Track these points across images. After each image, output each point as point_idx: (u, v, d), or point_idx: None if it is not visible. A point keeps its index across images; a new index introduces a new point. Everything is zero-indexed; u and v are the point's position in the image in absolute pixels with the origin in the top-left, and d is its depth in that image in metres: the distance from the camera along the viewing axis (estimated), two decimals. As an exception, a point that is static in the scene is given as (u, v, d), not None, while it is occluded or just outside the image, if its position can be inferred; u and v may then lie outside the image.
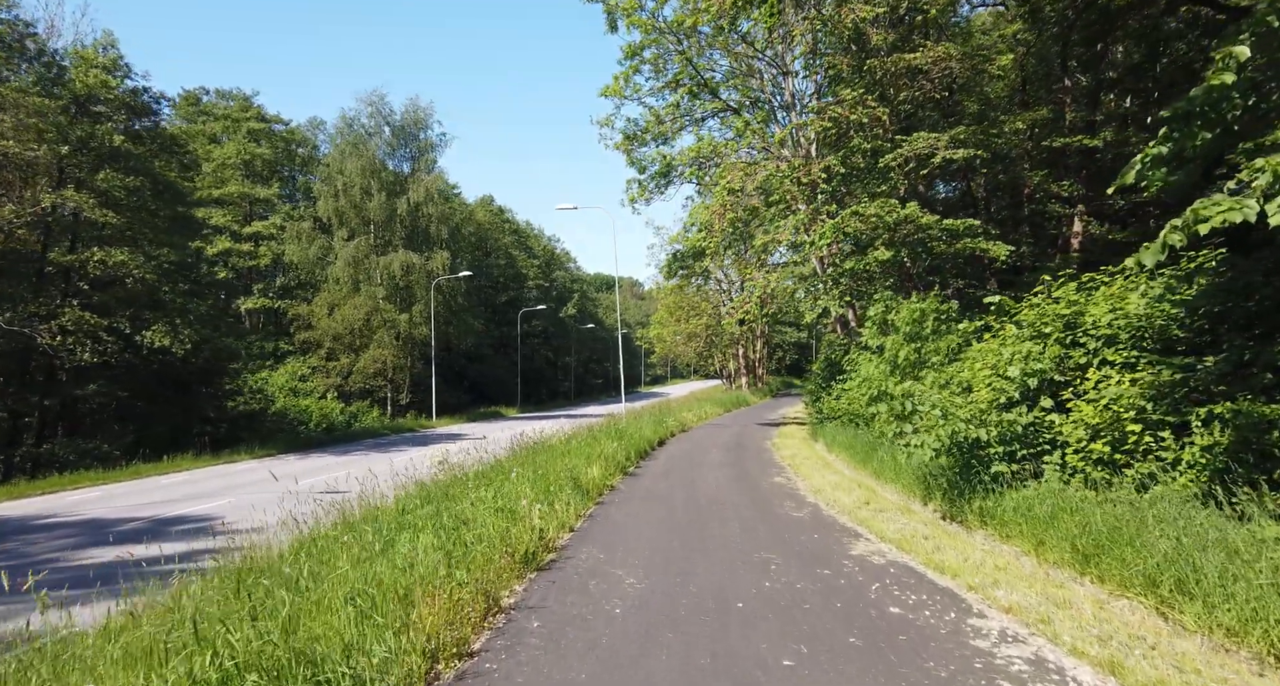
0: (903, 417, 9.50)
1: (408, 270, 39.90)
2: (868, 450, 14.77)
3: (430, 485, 8.51)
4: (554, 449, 12.58)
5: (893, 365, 14.42)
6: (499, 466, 9.77)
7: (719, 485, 12.83)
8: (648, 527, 8.64)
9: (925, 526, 8.69)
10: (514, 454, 11.66)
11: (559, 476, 9.55)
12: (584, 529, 8.53)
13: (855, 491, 11.88)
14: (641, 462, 16.11)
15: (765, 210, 22.46)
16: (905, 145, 19.39)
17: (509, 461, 10.63)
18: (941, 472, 9.63)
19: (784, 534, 8.43)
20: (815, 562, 6.87)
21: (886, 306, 14.88)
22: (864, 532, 8.51)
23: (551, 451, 12.24)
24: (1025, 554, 6.97)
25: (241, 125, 43.14)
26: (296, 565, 4.86)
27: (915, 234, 18.89)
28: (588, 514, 9.43)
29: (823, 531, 8.61)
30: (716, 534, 8.32)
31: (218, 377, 29.07)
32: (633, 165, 26.87)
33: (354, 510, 7.42)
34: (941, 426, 8.53)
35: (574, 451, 12.47)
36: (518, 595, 5.82)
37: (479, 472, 9.36)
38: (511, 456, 11.53)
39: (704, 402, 36.85)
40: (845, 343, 21.97)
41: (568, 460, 11.19)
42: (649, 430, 20.24)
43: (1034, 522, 6.95)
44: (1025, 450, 8.13)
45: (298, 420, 36.87)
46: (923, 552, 7.14)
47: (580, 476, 10.29)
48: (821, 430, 21.82)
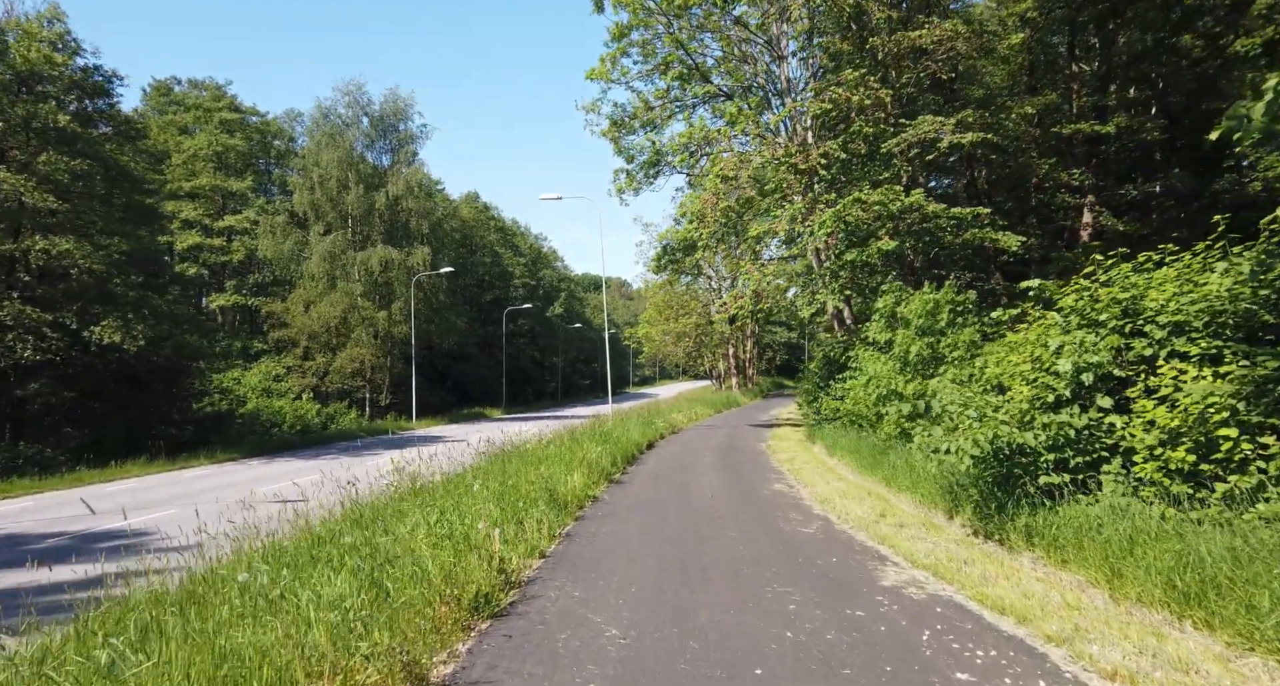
0: (933, 420, 8.24)
1: (387, 266, 38.39)
2: (875, 454, 13.56)
3: (370, 504, 7.14)
4: (530, 455, 11.25)
5: (903, 362, 13.22)
6: (462, 478, 8.40)
7: (715, 494, 11.56)
8: (635, 550, 7.34)
9: (958, 546, 7.46)
10: (485, 461, 10.32)
11: (532, 488, 8.23)
12: (559, 553, 7.23)
13: (866, 501, 10.65)
14: (629, 468, 14.82)
15: (760, 200, 21.24)
16: (909, 129, 18.23)
17: (475, 470, 9.28)
18: (972, 482, 8.41)
19: (796, 556, 7.16)
20: (842, 598, 5.60)
21: (896, 298, 13.68)
22: (889, 555, 7.25)
23: (527, 457, 10.91)
24: (1093, 585, 5.74)
25: (214, 115, 41.47)
26: (129, 634, 3.45)
27: (921, 223, 17.72)
28: (565, 532, 8.11)
29: (841, 552, 7.35)
30: (717, 557, 7.04)
31: (182, 377, 27.48)
32: (620, 154, 25.63)
33: (270, 535, 6.06)
34: (977, 429, 7.29)
35: (553, 457, 11.17)
36: (457, 662, 4.38)
37: (437, 484, 8.01)
38: (481, 464, 10.17)
39: (694, 403, 35.65)
40: (845, 340, 20.78)
41: (545, 467, 9.88)
42: (637, 432, 18.96)
43: (1105, 548, 5.72)
44: (1080, 457, 6.91)
45: (271, 422, 35.29)
46: (969, 584, 5.89)
47: (558, 487, 8.98)
48: (820, 432, 20.63)
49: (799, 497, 11.52)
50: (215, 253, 40.34)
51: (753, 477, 13.89)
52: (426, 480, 8.31)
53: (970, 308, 12.58)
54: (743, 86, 23.97)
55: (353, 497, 7.19)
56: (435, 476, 8.49)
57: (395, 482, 8.10)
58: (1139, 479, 6.41)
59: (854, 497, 11.10)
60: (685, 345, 57.16)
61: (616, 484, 12.41)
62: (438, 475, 8.71)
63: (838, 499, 11.06)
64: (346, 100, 38.75)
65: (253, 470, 19.67)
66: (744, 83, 24.34)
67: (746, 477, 13.85)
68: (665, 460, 16.61)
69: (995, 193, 23.90)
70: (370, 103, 39.38)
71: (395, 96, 39.74)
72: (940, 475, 9.55)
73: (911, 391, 12.85)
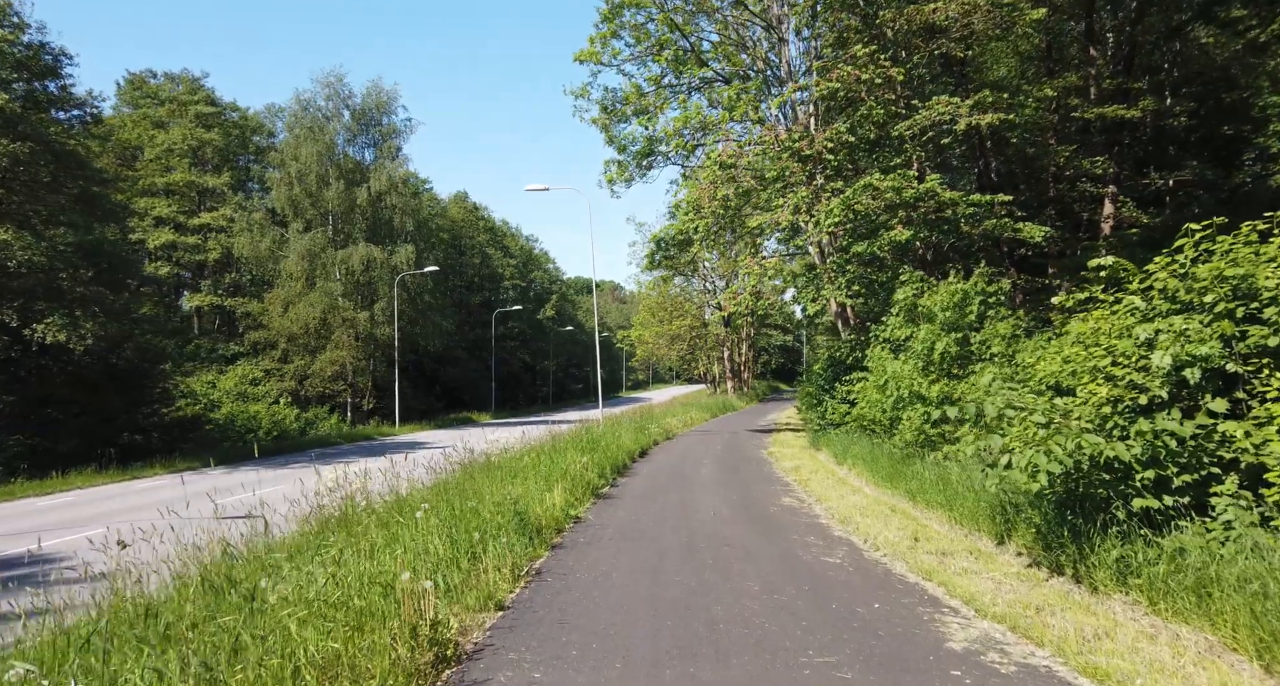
0: (985, 427, 6.79)
1: (369, 265, 36.80)
2: (894, 464, 12.10)
3: (265, 544, 5.53)
4: (503, 467, 9.72)
5: (926, 360, 11.78)
6: (409, 500, 6.82)
7: (718, 512, 10.07)
8: (622, 597, 5.78)
9: (1025, 585, 6.00)
10: (448, 477, 8.75)
11: (498, 511, 6.71)
12: (522, 604, 5.63)
13: (892, 520, 9.19)
14: (619, 480, 13.31)
15: (760, 191, 19.82)
16: (922, 112, 16.85)
17: (435, 487, 7.71)
18: (1030, 502, 6.96)
19: (828, 601, 5.69)
20: (905, 673, 4.13)
21: (917, 290, 12.24)
22: (944, 597, 5.78)
23: (500, 471, 9.39)
24: (1231, 649, 4.30)
25: (189, 109, 39.81)
26: None
27: (936, 212, 16.33)
28: (535, 568, 6.55)
29: (883, 594, 5.88)
30: (730, 607, 5.54)
31: (144, 381, 25.83)
32: (611, 143, 24.20)
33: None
34: (1051, 439, 5.84)
35: (529, 469, 9.67)
36: None
37: (376, 510, 6.45)
38: (445, 480, 8.61)
39: (689, 407, 34.21)
40: (852, 339, 19.36)
41: (518, 484, 8.37)
42: (629, 439, 17.47)
43: (1251, 603, 4.27)
44: (1187, 475, 5.46)
45: (246, 428, 33.66)
46: (1067, 647, 4.43)
47: (532, 507, 7.47)
48: (825, 438, 19.20)
49: (814, 515, 10.05)
50: (190, 251, 38.64)
51: (758, 490, 12.42)
52: (371, 501, 6.80)
53: (1003, 299, 11.17)
54: (740, 73, 22.59)
55: (249, 536, 5.62)
56: (381, 496, 6.96)
57: (321, 510, 6.57)
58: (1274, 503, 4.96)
59: (877, 515, 9.65)
60: (679, 348, 55.77)
61: (605, 499, 10.90)
62: (386, 494, 7.18)
63: (858, 517, 9.60)
64: (326, 92, 37.24)
65: (212, 480, 18.04)
66: (742, 69, 22.96)
67: (751, 490, 12.38)
68: (660, 470, 15.12)
69: (1008, 184, 22.55)
70: (351, 95, 37.89)
71: (378, 89, 38.26)
72: (985, 491, 8.10)
73: (936, 394, 11.42)
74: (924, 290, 12.21)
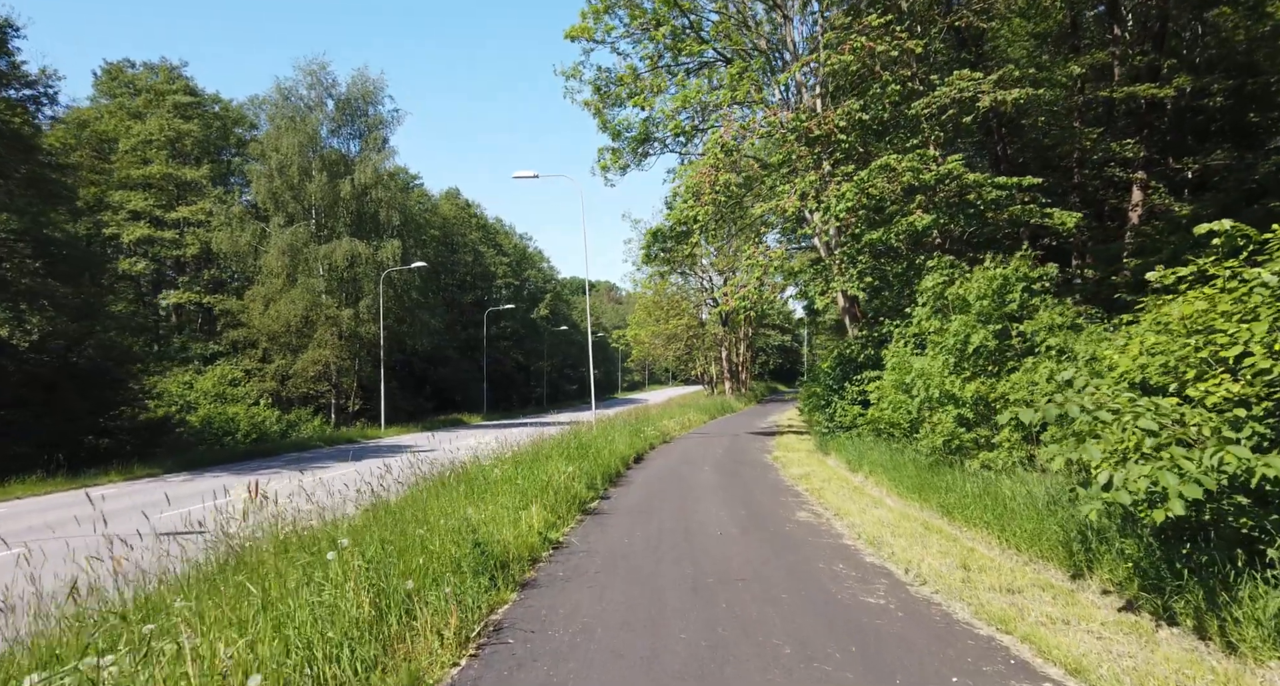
0: (1076, 434, 5.38)
1: (353, 260, 35.28)
2: (921, 473, 10.72)
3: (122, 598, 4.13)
4: (471, 481, 8.22)
5: (959, 356, 10.37)
6: (333, 531, 5.33)
7: (726, 531, 8.65)
8: (610, 672, 4.34)
9: (1138, 642, 4.59)
10: (398, 496, 7.21)
11: (450, 542, 5.21)
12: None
13: (931, 542, 7.79)
14: (611, 490, 11.88)
15: (765, 177, 18.43)
16: (942, 88, 15.49)
17: (374, 511, 6.20)
18: (1124, 530, 5.56)
19: (887, 671, 4.27)
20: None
21: (946, 277, 10.84)
22: (1040, 665, 4.36)
23: (466, 485, 7.91)
24: None
25: (166, 98, 38.25)
26: None
27: (959, 195, 14.97)
28: (495, 622, 5.04)
29: (953, 655, 4.46)
30: (758, 681, 4.11)
31: (110, 380, 24.30)
32: (605, 129, 22.79)
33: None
34: (1170, 450, 4.43)
35: (504, 482, 8.21)
36: None
37: (283, 547, 4.92)
38: (393, 501, 7.06)
39: (686, 409, 32.81)
40: (864, 335, 17.97)
41: (486, 503, 6.91)
42: (623, 443, 16.04)
43: None
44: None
45: (224, 430, 32.19)
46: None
47: (499, 534, 6.00)
48: (834, 443, 17.85)
49: (835, 534, 8.64)
50: (167, 246, 37.06)
51: (768, 502, 11.01)
52: (286, 529, 5.34)
53: (1050, 285, 9.78)
54: (743, 52, 21.19)
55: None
56: (306, 521, 5.48)
57: (212, 549, 5.10)
58: None
59: (909, 534, 8.24)
60: (676, 348, 54.39)
61: (593, 516, 9.45)
62: (316, 515, 5.71)
63: (889, 536, 8.20)
64: (309, 81, 35.70)
65: (172, 488, 16.53)
66: (744, 48, 21.57)
67: (760, 502, 10.97)
68: (657, 478, 13.69)
69: (1024, 171, 21.21)
70: (335, 84, 36.36)
71: (363, 78, 36.74)
72: (1054, 511, 6.69)
73: (971, 394, 10.03)
74: (955, 277, 10.81)
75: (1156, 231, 15.33)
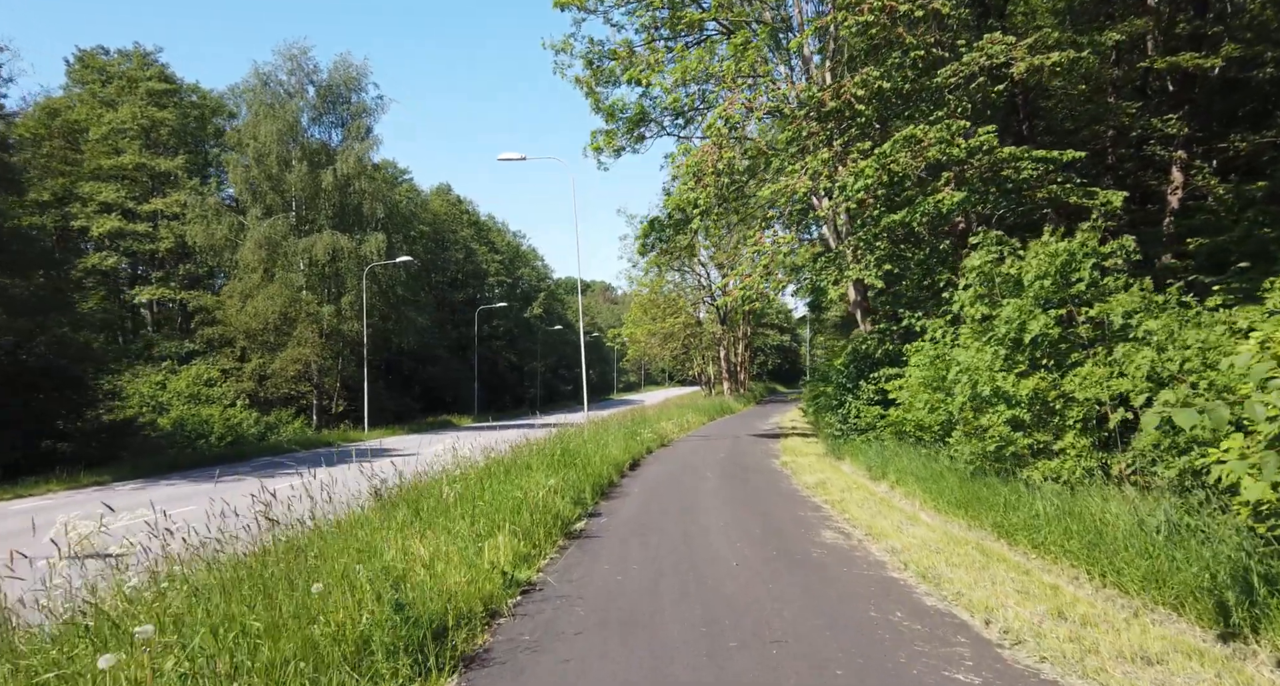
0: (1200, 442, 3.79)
1: (335, 255, 33.59)
2: (967, 486, 9.14)
3: None
4: (418, 503, 6.52)
5: (1012, 347, 8.80)
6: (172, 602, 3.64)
7: (742, 558, 7.06)
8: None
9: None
10: (312, 526, 5.49)
11: (357, 603, 3.57)
12: None
13: (999, 575, 6.23)
14: (602, 504, 10.27)
15: (773, 157, 16.86)
16: (969, 53, 13.94)
17: (254, 559, 4.48)
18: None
19: None
20: None
21: (997, 254, 9.24)
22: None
23: (411, 509, 6.22)
24: None
25: (140, 85, 36.52)
26: None
27: (993, 172, 13.42)
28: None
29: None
30: None
31: (66, 380, 22.62)
32: (599, 111, 21.15)
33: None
34: None
35: (464, 502, 6.56)
36: None
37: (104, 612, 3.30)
38: (290, 539, 5.29)
39: (684, 410, 31.25)
40: (881, 329, 16.42)
41: (434, 534, 5.25)
42: (617, 447, 14.46)
43: None
44: None
45: (197, 433, 30.53)
46: None
47: (438, 582, 4.35)
48: (849, 447, 16.32)
49: (876, 562, 7.06)
50: (140, 240, 35.32)
51: (784, 518, 9.43)
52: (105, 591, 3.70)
53: (1126, 260, 8.21)
54: (747, 21, 19.61)
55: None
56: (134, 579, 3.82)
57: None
58: None
59: (966, 564, 6.68)
60: (673, 347, 52.84)
61: (579, 540, 7.83)
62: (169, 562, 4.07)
63: (943, 566, 6.63)
64: (289, 66, 34.01)
65: (118, 498, 14.91)
66: (747, 20, 20.00)
67: (776, 518, 9.38)
68: (655, 488, 12.08)
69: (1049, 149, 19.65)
70: (316, 69, 34.68)
71: (346, 64, 35.09)
72: (1179, 544, 5.10)
73: (1027, 391, 8.45)
74: (1004, 254, 9.22)
75: (1226, 208, 13.76)
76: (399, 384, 48.29)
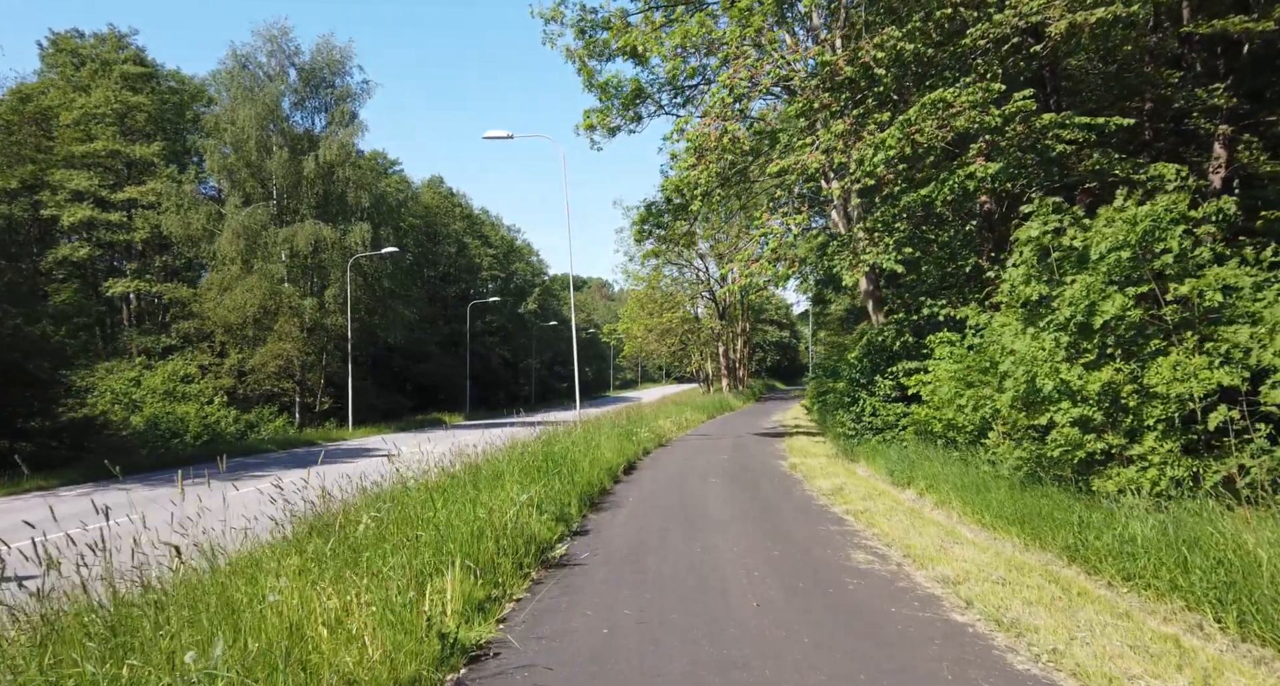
0: None
1: (318, 245, 32.07)
2: (1021, 498, 7.75)
3: None
4: (356, 526, 5.11)
5: (1078, 333, 7.39)
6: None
7: (764, 598, 5.64)
8: None
9: None
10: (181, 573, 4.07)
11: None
12: None
13: (1093, 619, 4.84)
14: (591, 519, 8.83)
15: (780, 133, 15.41)
16: (1001, 12, 12.49)
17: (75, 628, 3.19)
18: None
19: None
20: None
21: (1057, 224, 7.80)
22: None
23: (339, 542, 4.77)
24: None
25: (113, 69, 34.92)
26: None
27: (1031, 141, 12.00)
28: None
29: None
30: None
31: (19, 376, 21.14)
32: (592, 89, 19.71)
33: None
34: None
35: (407, 526, 5.09)
36: None
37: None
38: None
39: (682, 407, 29.86)
40: (899, 319, 15.00)
41: (355, 578, 3.83)
42: (610, 449, 13.04)
43: None
44: None
45: (171, 432, 29.07)
46: None
47: (341, 657, 3.00)
48: (862, 448, 14.97)
49: (928, 597, 5.65)
50: (114, 230, 33.74)
51: (805, 535, 8.01)
52: None
53: (1225, 227, 6.80)
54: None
55: None
56: None
57: None
58: None
59: (1053, 606, 5.28)
60: (670, 343, 51.37)
61: (558, 571, 6.39)
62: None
63: (1020, 607, 5.25)
64: (269, 47, 32.43)
65: (63, 504, 13.48)
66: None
67: (796, 536, 7.97)
68: (653, 497, 10.66)
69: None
70: (298, 51, 33.09)
71: (329, 46, 33.50)
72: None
73: (1098, 387, 7.05)
74: (1062, 225, 7.80)
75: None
76: (389, 381, 46.86)
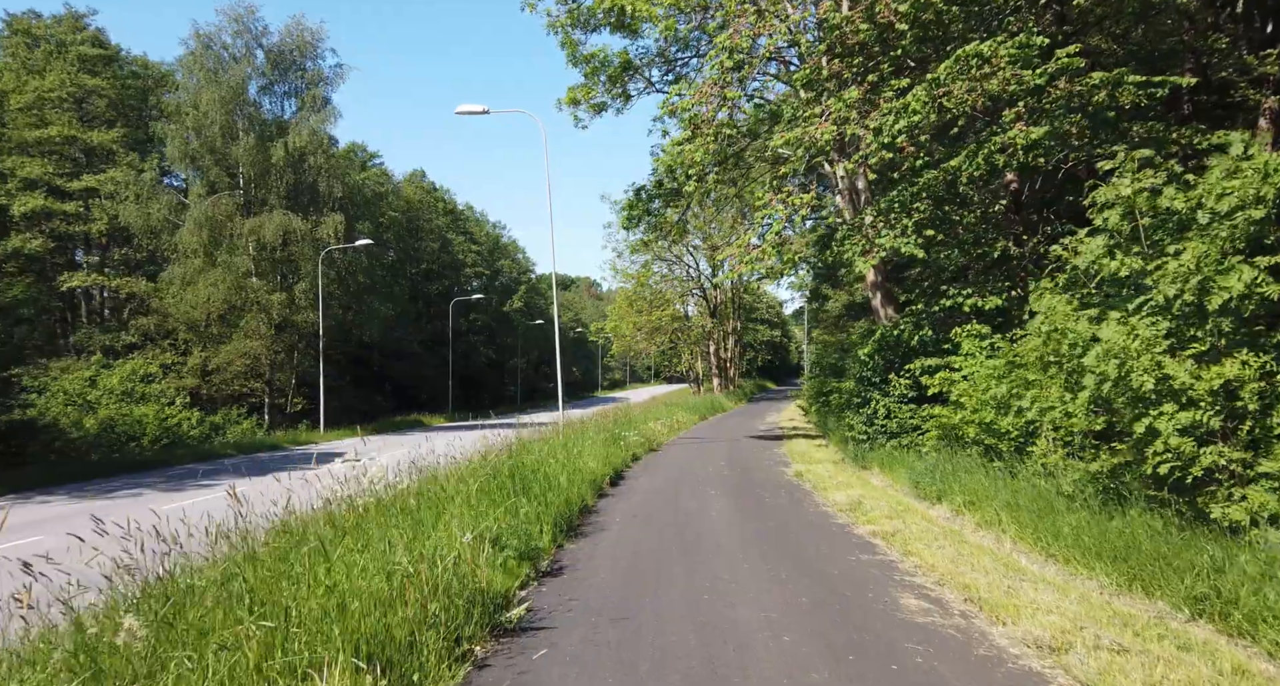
0: None
1: (287, 237, 30.18)
2: (1107, 527, 6.19)
3: None
4: (228, 585, 3.50)
5: (1185, 317, 5.83)
6: None
7: (794, 670, 4.01)
8: None
9: None
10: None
11: None
12: None
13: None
14: (567, 549, 7.17)
15: (785, 104, 13.86)
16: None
17: None
18: None
19: None
20: None
21: (1149, 183, 6.22)
22: None
23: (195, 612, 3.20)
24: None
25: (70, 50, 32.89)
26: None
27: (1079, 103, 10.46)
28: None
29: None
30: None
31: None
32: (577, 63, 18.10)
33: None
34: None
35: (276, 586, 3.49)
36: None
37: None
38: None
39: (673, 409, 28.30)
40: (918, 312, 13.45)
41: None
42: (594, 457, 11.39)
43: None
44: None
45: (128, 434, 27.14)
46: None
47: None
48: (876, 454, 13.44)
49: (1032, 674, 4.04)
50: (70, 220, 31.70)
51: (835, 569, 6.39)
52: None
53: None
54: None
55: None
56: None
57: None
58: None
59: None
60: (659, 341, 49.74)
61: (510, 642, 4.69)
62: None
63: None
64: (234, 27, 30.50)
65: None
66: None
67: (824, 571, 6.34)
68: (643, 519, 9.00)
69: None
70: (266, 32, 31.17)
71: (299, 27, 31.60)
72: None
73: (1207, 386, 5.47)
74: (1157, 184, 6.24)
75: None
76: (367, 381, 44.98)
